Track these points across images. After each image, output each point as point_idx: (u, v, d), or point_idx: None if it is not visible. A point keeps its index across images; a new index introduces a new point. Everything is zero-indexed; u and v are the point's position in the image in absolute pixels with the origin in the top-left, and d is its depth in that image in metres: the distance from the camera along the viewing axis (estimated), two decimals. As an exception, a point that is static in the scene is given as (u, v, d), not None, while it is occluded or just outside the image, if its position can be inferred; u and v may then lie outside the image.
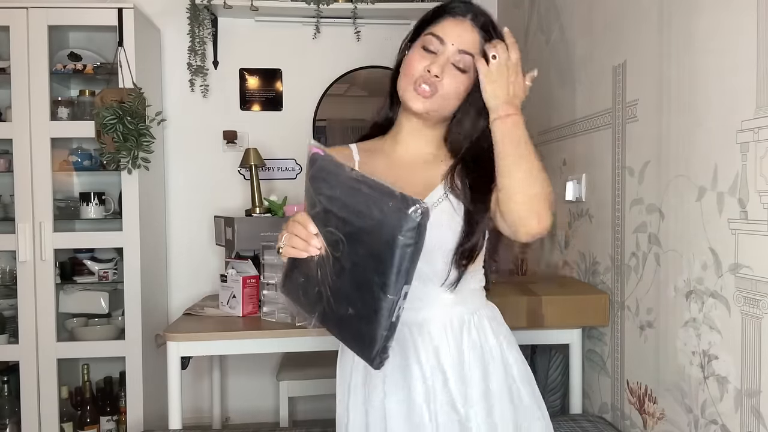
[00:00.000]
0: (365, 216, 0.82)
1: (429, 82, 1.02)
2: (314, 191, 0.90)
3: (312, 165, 0.91)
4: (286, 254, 0.92)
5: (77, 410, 2.48)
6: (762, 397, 1.15)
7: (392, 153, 1.13)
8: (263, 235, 1.90)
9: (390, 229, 0.80)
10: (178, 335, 1.76)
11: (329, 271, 0.87)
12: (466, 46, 1.03)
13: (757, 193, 1.15)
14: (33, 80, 2.35)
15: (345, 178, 0.86)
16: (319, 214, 0.89)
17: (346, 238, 0.84)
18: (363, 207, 0.83)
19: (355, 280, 0.84)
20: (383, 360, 0.86)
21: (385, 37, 2.85)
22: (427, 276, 1.03)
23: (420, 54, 1.05)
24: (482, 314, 1.09)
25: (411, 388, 1.02)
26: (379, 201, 0.81)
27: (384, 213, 0.80)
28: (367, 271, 0.83)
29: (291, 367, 2.42)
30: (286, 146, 2.88)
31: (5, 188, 2.57)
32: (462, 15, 1.05)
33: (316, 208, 0.89)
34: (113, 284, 2.58)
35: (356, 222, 0.84)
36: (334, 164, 0.89)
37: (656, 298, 1.53)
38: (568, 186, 2.01)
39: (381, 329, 0.83)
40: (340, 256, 0.85)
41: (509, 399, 1.05)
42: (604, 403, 1.83)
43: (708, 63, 1.30)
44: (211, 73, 2.82)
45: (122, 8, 2.39)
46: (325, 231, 0.87)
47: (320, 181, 0.89)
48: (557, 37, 2.17)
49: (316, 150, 0.92)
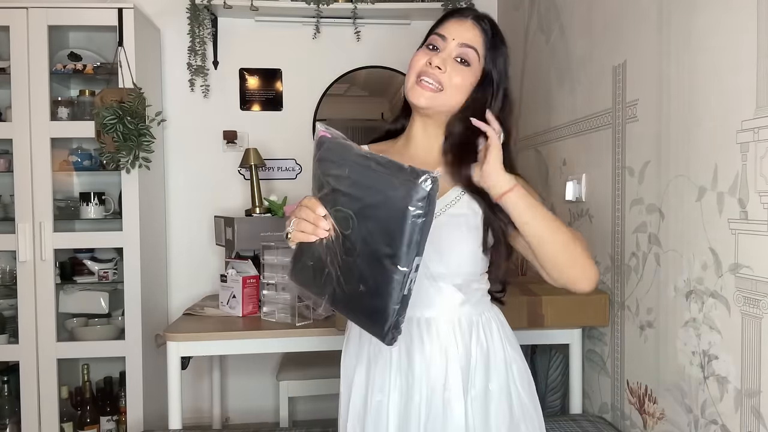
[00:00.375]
0: (375, 191, 0.83)
1: (430, 74, 1.03)
2: (322, 173, 0.90)
3: (320, 147, 0.91)
4: (295, 239, 0.92)
5: (77, 410, 2.48)
6: (762, 397, 1.15)
7: (404, 152, 1.14)
8: (263, 235, 1.90)
9: (400, 200, 0.80)
10: (178, 335, 1.76)
11: (339, 251, 0.87)
12: (467, 40, 1.05)
13: (757, 193, 1.15)
14: (33, 80, 2.35)
15: (354, 156, 0.86)
16: (328, 196, 0.89)
17: (355, 215, 0.84)
18: (372, 182, 0.83)
19: (366, 256, 0.84)
20: (395, 336, 0.86)
21: (385, 37, 2.85)
22: (440, 274, 1.03)
23: (423, 51, 1.07)
24: (489, 315, 1.10)
25: (412, 385, 1.02)
26: (388, 175, 0.82)
27: (394, 186, 0.81)
28: (378, 246, 0.82)
29: (291, 367, 2.42)
30: (286, 146, 2.88)
31: (5, 188, 2.57)
32: (465, 16, 1.08)
33: (324, 190, 0.90)
34: (113, 284, 2.58)
35: (366, 198, 0.84)
36: (341, 144, 0.89)
37: (656, 298, 1.53)
38: (568, 186, 2.01)
39: (393, 303, 0.83)
40: (350, 234, 0.85)
41: (507, 400, 1.05)
42: (604, 403, 1.83)
43: (708, 63, 1.30)
44: (211, 73, 2.82)
45: (122, 8, 2.39)
46: (335, 210, 0.87)
47: (328, 162, 0.90)
48: (557, 37, 2.17)
49: (323, 132, 0.92)
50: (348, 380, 1.10)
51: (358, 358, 1.08)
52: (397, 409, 1.02)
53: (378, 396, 1.04)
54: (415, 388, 1.02)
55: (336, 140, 0.90)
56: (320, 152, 0.91)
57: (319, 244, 0.90)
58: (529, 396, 1.09)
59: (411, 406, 1.02)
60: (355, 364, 1.09)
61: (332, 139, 0.91)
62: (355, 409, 1.07)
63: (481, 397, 1.03)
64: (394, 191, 0.81)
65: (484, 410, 1.03)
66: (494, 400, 1.04)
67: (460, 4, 2.70)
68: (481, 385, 1.04)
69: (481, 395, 1.03)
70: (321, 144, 0.91)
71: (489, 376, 1.04)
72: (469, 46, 1.04)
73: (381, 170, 0.83)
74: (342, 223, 0.86)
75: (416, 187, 0.79)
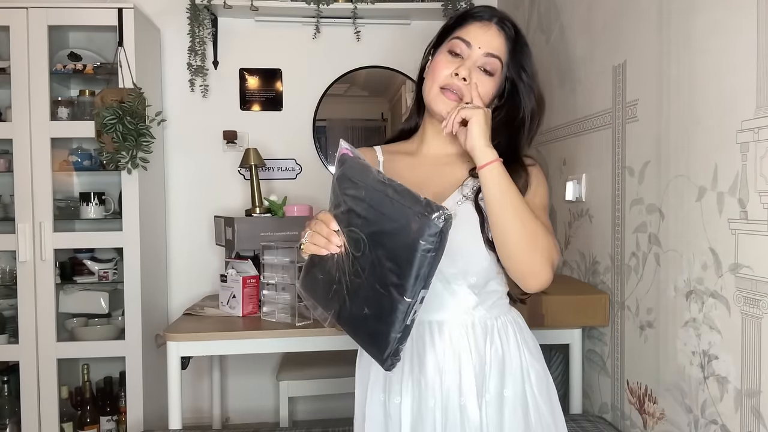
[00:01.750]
0: (388, 218, 0.84)
1: (454, 86, 1.03)
2: (340, 190, 0.91)
3: (341, 165, 0.92)
4: (308, 251, 0.93)
5: (77, 410, 2.48)
6: (762, 397, 1.15)
7: (417, 153, 1.14)
8: (263, 235, 1.90)
9: (412, 233, 0.81)
10: (178, 335, 1.76)
11: (348, 271, 0.88)
12: (492, 50, 1.04)
13: (757, 193, 1.15)
14: (33, 80, 2.35)
15: (372, 180, 0.87)
16: (343, 214, 0.90)
17: (367, 239, 0.86)
18: (387, 210, 0.84)
19: (373, 280, 0.85)
20: (394, 362, 0.87)
21: (385, 37, 2.85)
22: (452, 276, 1.02)
23: (446, 58, 1.05)
24: (506, 320, 1.08)
25: (425, 389, 1.01)
26: (403, 205, 0.82)
27: (407, 217, 0.81)
28: (385, 273, 0.84)
29: (291, 367, 2.42)
30: (286, 146, 2.88)
31: (5, 188, 2.57)
32: (488, 19, 1.06)
33: (340, 208, 0.90)
34: (113, 284, 2.58)
35: (379, 224, 0.85)
36: (361, 165, 0.90)
37: (656, 298, 1.53)
38: (568, 186, 2.01)
39: (395, 331, 0.84)
40: (361, 257, 0.86)
41: (523, 407, 1.03)
42: (604, 403, 1.83)
43: (708, 63, 1.30)
44: (211, 73, 2.82)
45: (122, 8, 2.39)
46: (348, 230, 0.89)
47: (347, 181, 0.90)
48: (557, 37, 2.17)
49: (345, 150, 0.92)
50: (363, 383, 1.10)
51: (372, 360, 1.08)
52: (410, 413, 1.02)
53: (396, 399, 1.03)
54: (428, 392, 1.01)
55: (357, 160, 0.91)
56: (341, 170, 0.92)
57: (330, 259, 0.91)
58: (547, 404, 1.06)
59: (425, 411, 1.01)
60: (369, 368, 1.08)
61: (353, 159, 0.91)
62: (371, 412, 1.06)
63: (495, 401, 1.02)
64: (408, 223, 0.81)
65: (498, 415, 1.02)
66: (508, 405, 1.02)
67: (460, 4, 2.69)
68: (495, 390, 1.02)
69: (495, 400, 1.02)
70: (342, 162, 0.92)
71: (504, 382, 1.03)
72: (494, 56, 1.04)
73: (397, 199, 0.83)
74: (353, 245, 0.87)
75: (429, 222, 0.79)
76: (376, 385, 1.07)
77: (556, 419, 1.07)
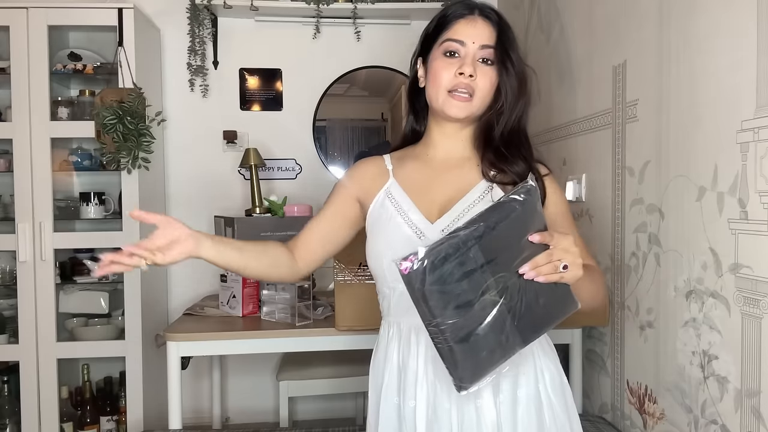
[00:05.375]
0: (511, 245, 0.86)
1: (464, 85, 1.03)
2: (471, 287, 0.85)
3: (433, 270, 0.83)
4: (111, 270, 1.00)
5: (77, 410, 2.48)
6: (762, 397, 1.15)
7: (425, 157, 1.14)
8: (263, 235, 1.89)
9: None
10: (178, 335, 1.76)
11: (508, 319, 0.88)
12: (486, 40, 1.05)
13: (757, 193, 1.15)
14: (33, 80, 2.35)
15: (464, 242, 0.83)
16: (491, 285, 0.86)
17: (505, 290, 0.87)
18: (501, 242, 0.85)
19: (533, 318, 0.90)
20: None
21: (385, 37, 2.85)
22: None
23: (445, 61, 1.05)
24: None
25: (440, 392, 1.01)
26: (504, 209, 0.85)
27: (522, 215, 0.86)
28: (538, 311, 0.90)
29: (291, 367, 2.42)
30: (286, 146, 2.88)
31: (5, 188, 2.57)
32: (470, 13, 1.06)
33: (489, 292, 0.86)
34: (113, 284, 2.58)
35: (509, 260, 0.86)
36: (446, 248, 0.83)
37: (656, 298, 1.53)
38: (568, 186, 2.00)
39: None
40: (519, 294, 0.88)
41: (537, 408, 1.03)
42: (604, 403, 1.83)
43: (708, 63, 1.30)
44: (211, 73, 2.82)
45: (122, 8, 2.39)
46: (490, 296, 0.86)
47: (461, 267, 0.84)
48: (557, 37, 2.17)
49: (424, 259, 0.83)
50: (377, 387, 1.10)
51: (386, 363, 1.07)
52: (425, 417, 1.01)
53: (411, 402, 1.03)
54: (443, 395, 1.01)
55: (438, 255, 0.83)
56: (439, 272, 0.83)
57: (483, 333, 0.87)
58: (562, 404, 1.06)
59: (441, 413, 1.01)
60: (383, 371, 1.08)
61: (436, 258, 0.83)
62: (385, 416, 1.06)
63: (509, 402, 1.02)
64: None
65: (512, 415, 1.02)
66: (522, 405, 1.02)
67: (460, 4, 2.69)
68: (509, 391, 1.02)
69: (509, 400, 1.02)
70: (433, 268, 0.83)
71: (518, 383, 1.03)
72: (489, 46, 1.04)
73: (494, 222, 0.84)
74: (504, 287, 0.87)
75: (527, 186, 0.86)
76: (389, 388, 1.06)
77: (571, 419, 1.07)
